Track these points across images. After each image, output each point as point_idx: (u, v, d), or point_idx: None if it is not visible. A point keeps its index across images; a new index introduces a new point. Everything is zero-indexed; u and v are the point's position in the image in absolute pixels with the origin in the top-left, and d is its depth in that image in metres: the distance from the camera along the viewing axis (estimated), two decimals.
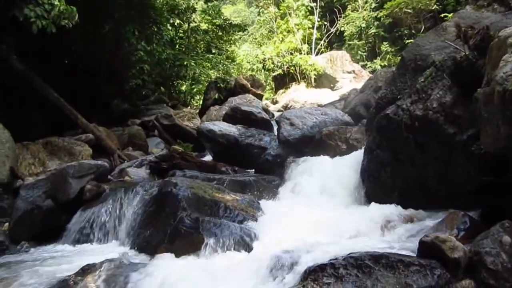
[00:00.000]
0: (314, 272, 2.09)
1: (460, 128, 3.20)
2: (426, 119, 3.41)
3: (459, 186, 3.24)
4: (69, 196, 4.57)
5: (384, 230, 3.15)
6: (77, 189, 4.59)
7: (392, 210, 3.45)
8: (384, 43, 16.86)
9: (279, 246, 2.90)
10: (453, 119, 3.24)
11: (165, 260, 3.09)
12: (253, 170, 6.11)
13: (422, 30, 14.25)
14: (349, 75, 16.24)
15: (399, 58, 4.70)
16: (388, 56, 16.70)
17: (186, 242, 3.31)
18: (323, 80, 16.49)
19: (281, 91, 17.59)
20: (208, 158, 7.17)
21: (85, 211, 4.39)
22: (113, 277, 2.83)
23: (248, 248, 3.27)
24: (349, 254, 2.15)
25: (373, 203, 3.80)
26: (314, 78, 16.52)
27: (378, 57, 17.13)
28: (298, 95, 15.53)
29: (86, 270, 2.92)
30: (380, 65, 15.97)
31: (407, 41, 13.49)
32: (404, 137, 3.64)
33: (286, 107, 13.36)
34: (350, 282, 1.95)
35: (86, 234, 4.17)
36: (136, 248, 3.68)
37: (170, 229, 3.45)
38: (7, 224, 4.72)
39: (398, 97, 4.03)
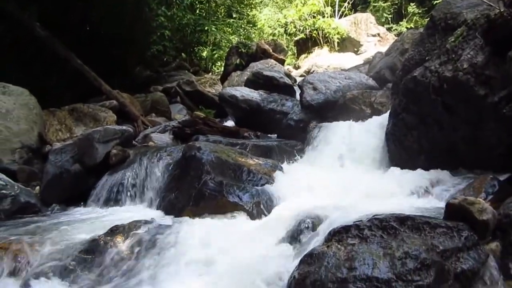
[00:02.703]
0: (339, 233, 2.09)
1: (491, 90, 3.08)
2: (455, 80, 3.29)
3: (489, 150, 3.16)
4: (96, 160, 4.67)
5: (409, 193, 3.11)
6: (103, 154, 4.69)
7: (417, 174, 3.40)
8: (411, 4, 16.15)
9: (302, 209, 2.91)
10: (484, 80, 3.12)
11: (191, 222, 3.15)
12: (276, 135, 6.10)
13: None
14: (373, 38, 15.71)
15: (427, 19, 4.50)
16: (415, 18, 16.04)
17: (210, 205, 3.37)
18: (346, 44, 16.03)
19: (303, 55, 17.23)
20: (230, 123, 7.17)
21: (111, 175, 4.50)
22: (140, 237, 2.91)
23: (272, 211, 3.30)
24: (374, 215, 2.14)
25: (397, 167, 3.76)
26: (338, 42, 16.07)
27: (404, 19, 16.47)
28: (321, 60, 15.17)
29: (115, 231, 3.02)
30: (406, 28, 15.36)
31: (436, 1, 12.90)
32: (431, 100, 3.54)
33: (308, 72, 13.08)
34: (375, 243, 1.95)
35: (113, 197, 4.28)
36: (162, 210, 3.77)
37: (194, 192, 3.50)
38: (38, 187, 4.89)
39: (426, 58, 3.90)
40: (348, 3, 18.21)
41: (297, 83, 7.99)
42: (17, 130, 5.39)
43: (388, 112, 4.32)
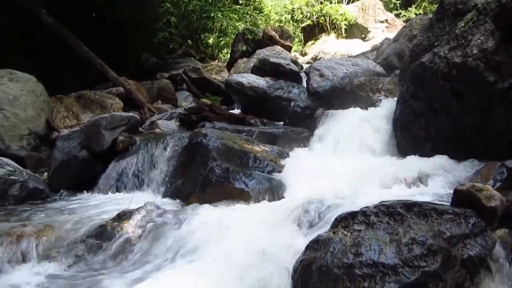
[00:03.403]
0: (345, 220, 2.09)
1: (501, 76, 3.03)
2: (465, 66, 3.24)
3: (498, 137, 3.12)
4: (103, 147, 4.70)
5: (416, 180, 3.10)
6: (110, 140, 4.71)
7: (424, 161, 3.37)
8: None
9: (308, 196, 2.91)
10: (494, 66, 3.07)
11: (197, 208, 3.16)
12: (282, 122, 6.08)
13: None
14: (381, 24, 15.51)
15: (436, 5, 4.42)
16: (424, 3, 15.77)
17: (217, 191, 3.38)
18: (354, 31, 15.85)
19: (310, 42, 17.06)
20: (236, 111, 7.16)
21: (118, 162, 4.53)
22: (147, 223, 2.94)
23: (278, 197, 3.31)
24: (380, 202, 2.13)
25: (404, 154, 3.74)
26: (345, 29, 15.88)
27: (413, 5, 16.21)
28: (328, 47, 15.02)
29: (122, 216, 3.05)
30: (415, 14, 15.14)
31: None
32: (440, 86, 3.50)
33: (315, 59, 12.95)
34: (381, 229, 1.94)
35: (121, 183, 4.33)
36: (168, 196, 3.80)
37: (201, 179, 3.52)
38: (46, 173, 4.94)
39: (435, 44, 3.84)
40: None
41: (303, 70, 7.94)
42: (24, 117, 5.42)
43: (396, 99, 4.28)
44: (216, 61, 15.22)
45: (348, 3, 17.27)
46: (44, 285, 2.37)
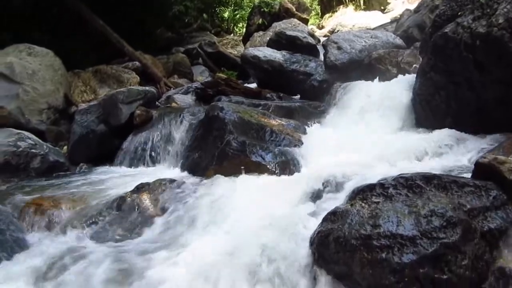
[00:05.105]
0: (363, 192, 2.08)
1: None
2: (489, 36, 3.12)
3: None
4: (120, 121, 4.75)
5: (436, 154, 3.05)
6: (127, 114, 4.75)
7: (445, 134, 3.31)
8: None
9: (326, 169, 2.90)
10: None
11: (213, 180, 3.19)
12: (299, 96, 6.02)
13: None
14: None
15: None
16: None
17: (233, 164, 3.38)
18: (373, 2, 15.42)
19: (327, 15, 16.70)
20: (252, 85, 7.11)
21: (136, 135, 4.57)
22: (165, 195, 2.99)
23: (294, 171, 3.30)
24: (399, 174, 2.11)
25: (424, 127, 3.67)
26: (363, 0, 15.49)
27: None
28: (346, 19, 14.69)
29: (141, 188, 3.11)
30: None
31: None
32: (462, 58, 3.38)
33: (332, 32, 12.68)
34: (400, 201, 1.92)
35: (138, 157, 4.37)
36: (185, 169, 3.82)
37: (217, 152, 3.52)
38: (65, 147, 5.03)
39: (459, 13, 3.70)
40: None
41: (321, 43, 7.79)
42: (43, 91, 5.49)
43: (416, 71, 4.18)
44: (232, 35, 15.08)
45: None
46: (66, 255, 2.44)
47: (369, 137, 3.68)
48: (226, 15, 16.29)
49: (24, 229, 2.83)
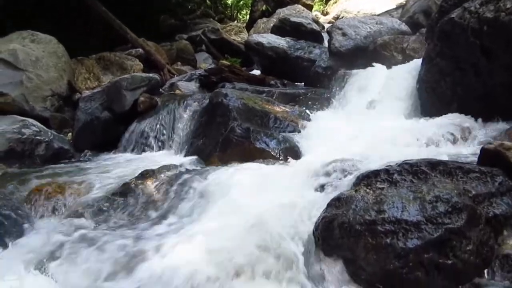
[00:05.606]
0: (367, 178, 2.07)
1: None
2: (497, 21, 3.08)
3: None
4: (124, 108, 4.75)
5: (441, 140, 3.03)
6: (131, 101, 4.75)
7: (450, 121, 3.28)
8: None
9: (331, 155, 2.89)
10: None
11: (217, 166, 3.19)
12: (303, 83, 5.99)
13: None
14: None
15: None
16: None
17: (237, 151, 3.39)
18: None
19: (332, 1, 16.50)
20: (256, 72, 7.07)
21: (140, 122, 4.58)
22: (169, 181, 2.99)
23: (299, 157, 3.30)
24: (404, 160, 2.10)
25: (429, 114, 3.65)
26: None
27: None
28: (350, 5, 14.51)
29: (145, 175, 3.11)
30: None
31: None
32: (469, 43, 3.34)
33: (337, 19, 12.56)
34: (404, 187, 1.92)
35: (143, 143, 4.39)
36: (189, 156, 3.82)
37: (221, 138, 3.53)
38: (70, 134, 5.04)
39: None
40: None
41: (325, 29, 7.73)
42: (47, 78, 5.49)
43: (421, 58, 4.13)
44: (236, 21, 14.97)
45: None
46: (71, 239, 2.45)
47: (374, 123, 3.66)
48: (229, 1, 16.19)
49: (30, 214, 2.85)
